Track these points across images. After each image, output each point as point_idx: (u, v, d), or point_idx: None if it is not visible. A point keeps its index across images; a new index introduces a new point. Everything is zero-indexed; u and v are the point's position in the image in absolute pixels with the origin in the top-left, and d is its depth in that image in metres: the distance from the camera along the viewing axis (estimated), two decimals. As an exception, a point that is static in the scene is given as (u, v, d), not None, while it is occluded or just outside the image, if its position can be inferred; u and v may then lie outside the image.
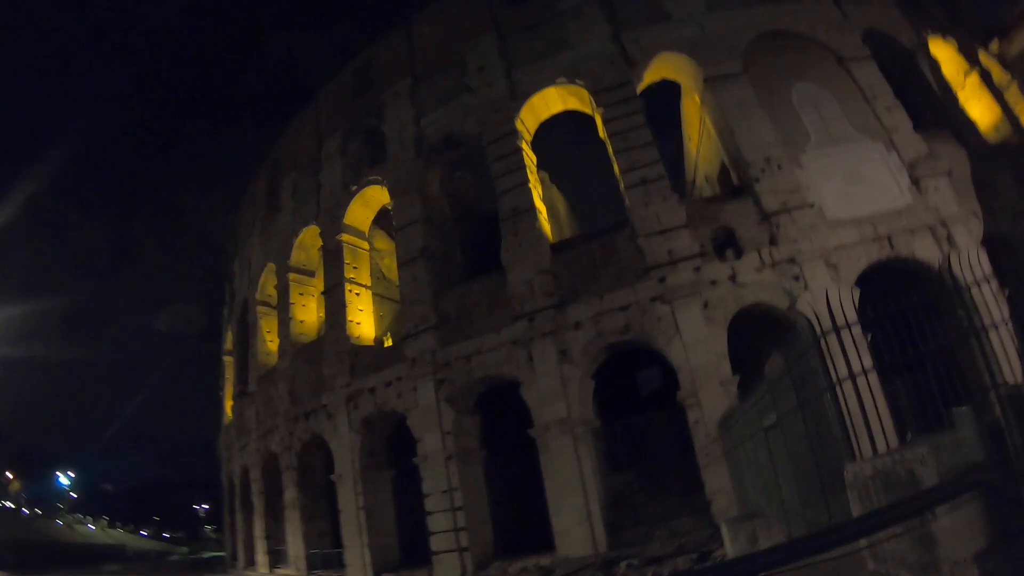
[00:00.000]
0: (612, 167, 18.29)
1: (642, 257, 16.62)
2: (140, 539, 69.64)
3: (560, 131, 23.19)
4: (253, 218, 29.93)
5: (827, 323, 7.91)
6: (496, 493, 18.70)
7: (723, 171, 21.52)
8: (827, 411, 8.55)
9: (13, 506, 54.31)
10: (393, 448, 20.88)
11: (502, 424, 19.00)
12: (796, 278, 15.70)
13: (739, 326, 16.45)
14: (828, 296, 8.07)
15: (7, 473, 66.71)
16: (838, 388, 8.05)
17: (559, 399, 16.64)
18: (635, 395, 24.07)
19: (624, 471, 17.14)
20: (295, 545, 22.38)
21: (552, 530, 16.27)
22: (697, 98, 19.93)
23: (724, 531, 11.74)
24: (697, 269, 16.09)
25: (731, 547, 11.18)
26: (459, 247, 21.85)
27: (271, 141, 31.32)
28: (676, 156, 27.23)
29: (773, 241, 16.06)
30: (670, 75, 20.36)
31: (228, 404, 31.37)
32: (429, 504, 18.07)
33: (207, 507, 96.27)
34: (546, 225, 19.15)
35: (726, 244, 16.48)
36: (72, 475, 70.52)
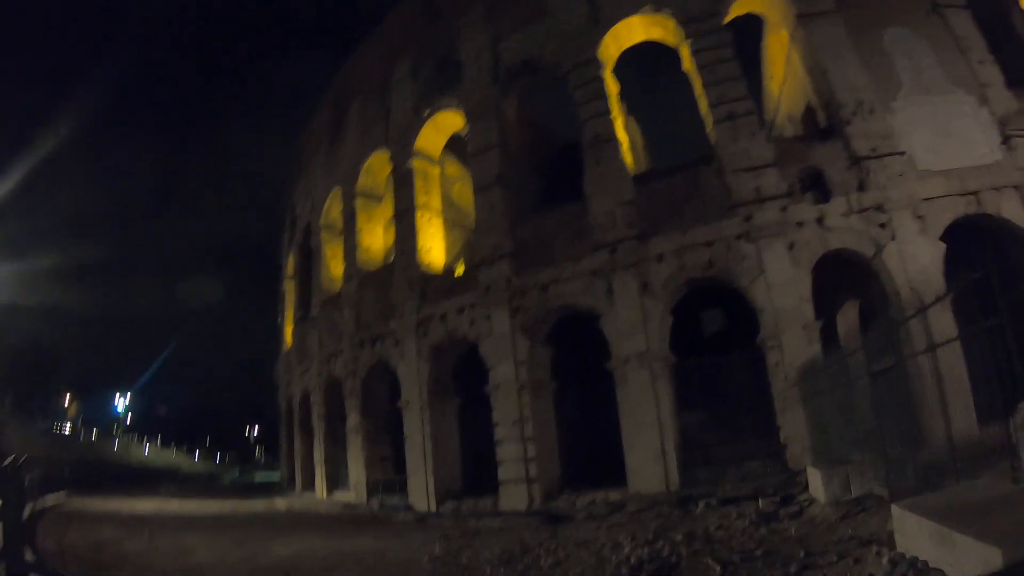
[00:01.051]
0: (686, 101, 17.89)
1: (728, 193, 15.98)
2: (193, 460, 71.60)
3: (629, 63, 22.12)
4: (317, 143, 29.54)
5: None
6: (564, 426, 18.39)
7: (808, 112, 20.42)
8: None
9: (70, 429, 55.93)
10: (459, 376, 20.64)
11: (571, 356, 18.62)
12: (883, 226, 15.08)
13: (814, 271, 15.76)
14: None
15: (66, 396, 68.85)
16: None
17: (639, 332, 16.26)
18: (706, 334, 23.41)
19: (696, 410, 16.70)
20: (356, 470, 22.44)
21: (621, 465, 16.09)
22: (785, 34, 18.97)
23: (814, 475, 11.25)
24: (784, 209, 15.47)
25: (823, 492, 10.67)
26: (534, 176, 21.16)
27: (326, 71, 30.79)
28: (755, 95, 26.10)
29: (862, 187, 15.40)
30: (757, 9, 19.34)
31: (288, 330, 31.50)
32: (498, 433, 17.85)
33: (257, 430, 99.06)
34: (628, 156, 18.56)
35: (813, 186, 15.84)
36: (128, 398, 72.60)
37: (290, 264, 32.30)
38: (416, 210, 21.59)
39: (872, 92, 16.15)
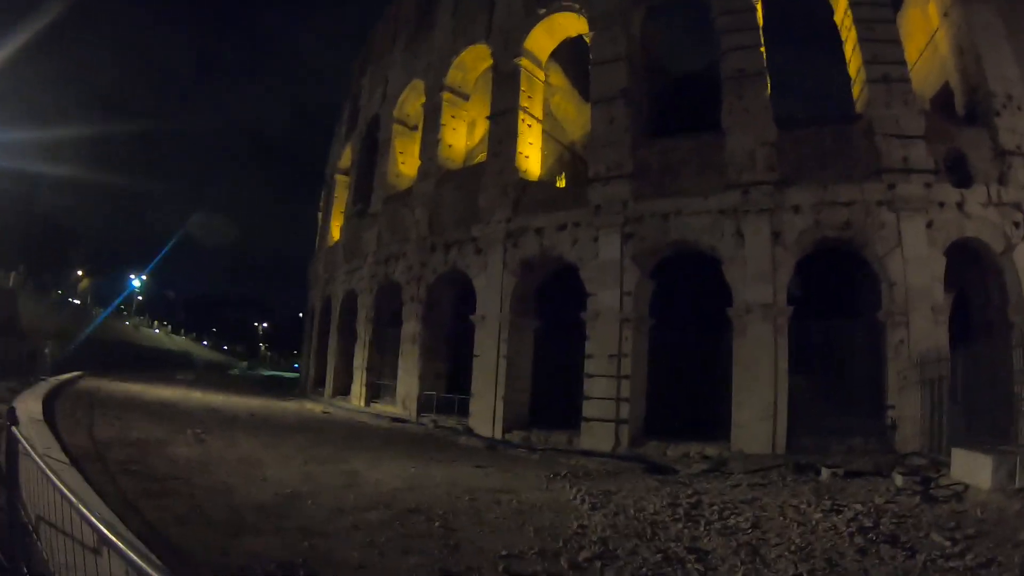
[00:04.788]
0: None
1: (877, 157, 15.14)
2: (201, 348, 70.20)
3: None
4: (394, 33, 27.43)
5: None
6: (653, 368, 16.92)
7: (941, 93, 19.10)
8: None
9: (80, 304, 54.13)
10: (539, 298, 19.06)
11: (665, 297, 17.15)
12: (1017, 225, 14.82)
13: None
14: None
15: (78, 271, 66.94)
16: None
17: (766, 282, 15.17)
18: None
19: (804, 375, 15.58)
20: (408, 383, 20.92)
21: (709, 418, 15.78)
22: (933, 11, 18.47)
23: (967, 459, 10.03)
24: (928, 185, 14.86)
25: (988, 478, 9.33)
26: (648, 101, 19.23)
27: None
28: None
29: (1002, 180, 15.04)
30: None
31: (336, 225, 29.68)
32: (590, 367, 16.44)
33: (266, 325, 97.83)
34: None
35: (954, 168, 15.47)
36: (143, 279, 70.37)
37: (346, 155, 30.31)
38: (519, 112, 19.62)
39: (1021, 89, 15.71)
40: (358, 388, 23.79)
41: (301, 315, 45.86)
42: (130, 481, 8.37)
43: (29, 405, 13.01)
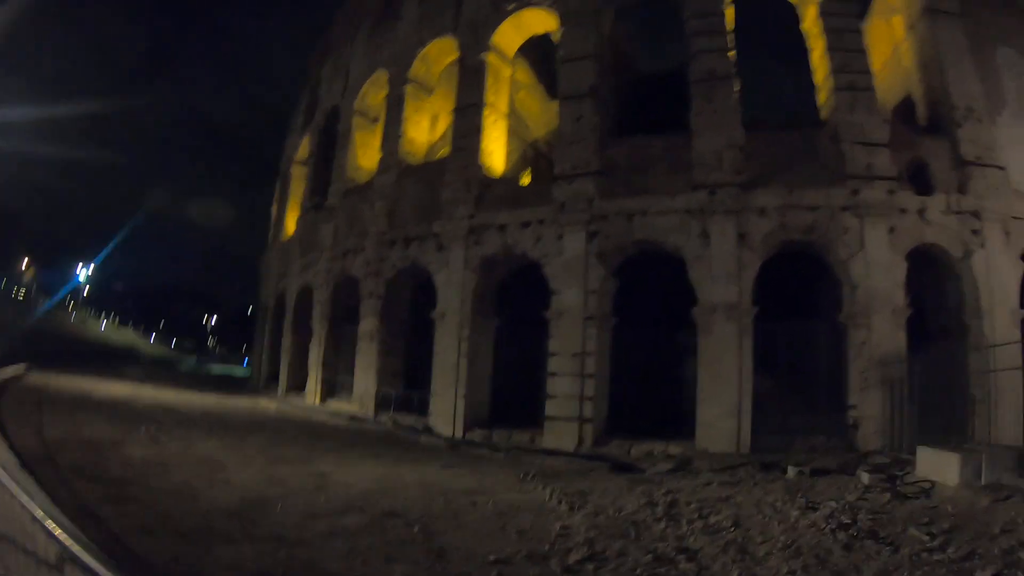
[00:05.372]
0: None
1: (842, 162, 15.48)
2: (149, 343, 67.74)
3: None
4: (357, 22, 26.74)
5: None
6: (614, 367, 16.84)
7: (904, 103, 19.57)
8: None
9: (23, 295, 51.71)
10: (500, 296, 18.82)
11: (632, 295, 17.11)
12: (975, 232, 15.34)
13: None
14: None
15: (24, 260, 64.12)
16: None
17: (732, 283, 15.29)
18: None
19: (766, 375, 15.82)
20: (364, 380, 20.38)
21: (672, 417, 15.92)
22: (897, 23, 19.12)
23: (933, 457, 10.13)
24: (891, 192, 15.22)
25: (954, 475, 9.42)
26: (616, 100, 19.17)
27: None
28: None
29: (962, 189, 15.55)
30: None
31: (291, 218, 28.93)
32: (553, 365, 16.23)
33: (215, 321, 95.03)
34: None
35: (916, 177, 15.83)
36: (90, 269, 67.69)
37: (304, 147, 29.55)
38: (484, 107, 19.32)
39: (981, 102, 16.28)
40: (313, 385, 23.13)
41: (251, 310, 44.64)
42: (86, 485, 7.80)
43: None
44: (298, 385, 24.76)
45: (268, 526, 6.86)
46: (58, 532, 2.48)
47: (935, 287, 16.53)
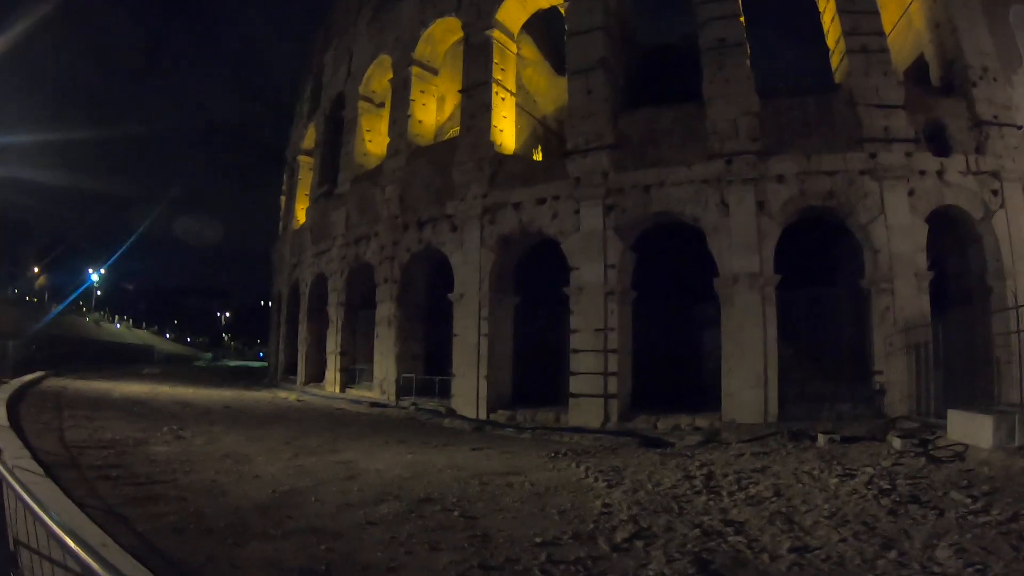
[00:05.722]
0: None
1: (859, 126, 15.25)
2: (164, 341, 68.19)
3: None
4: (358, 5, 26.43)
5: None
6: (639, 341, 16.78)
7: (916, 65, 19.20)
8: None
9: (37, 300, 51.92)
10: (518, 274, 18.71)
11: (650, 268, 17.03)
12: (995, 193, 15.19)
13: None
14: None
15: (34, 268, 64.34)
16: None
17: (752, 252, 15.12)
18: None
19: (792, 342, 15.76)
20: (384, 366, 20.40)
21: (696, 389, 16.05)
22: None
23: (965, 420, 10.10)
24: (909, 155, 15.02)
25: (988, 437, 9.37)
26: (625, 72, 18.90)
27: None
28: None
29: (980, 150, 15.36)
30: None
31: (301, 207, 28.82)
32: (576, 342, 16.13)
33: (228, 314, 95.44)
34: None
35: (933, 138, 15.54)
36: (101, 273, 67.72)
37: (310, 136, 29.39)
38: (492, 85, 19.08)
39: (996, 61, 16.02)
40: (332, 374, 23.18)
41: (263, 302, 44.68)
42: (111, 488, 7.67)
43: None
44: (316, 374, 24.82)
45: (302, 519, 6.73)
46: (78, 549, 2.37)
47: (956, 251, 16.41)
